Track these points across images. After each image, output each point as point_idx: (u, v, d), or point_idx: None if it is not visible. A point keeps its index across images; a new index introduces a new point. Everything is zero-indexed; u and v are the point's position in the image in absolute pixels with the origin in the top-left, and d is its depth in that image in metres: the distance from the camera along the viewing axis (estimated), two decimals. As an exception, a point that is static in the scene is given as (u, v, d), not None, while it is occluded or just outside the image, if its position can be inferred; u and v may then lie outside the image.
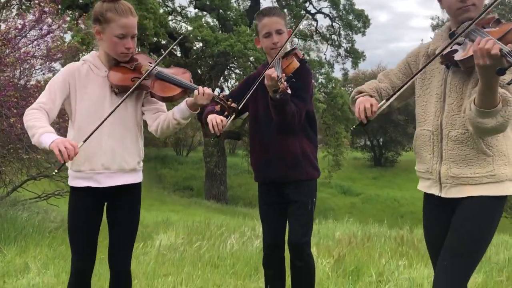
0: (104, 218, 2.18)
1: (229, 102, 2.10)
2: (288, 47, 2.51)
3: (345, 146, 21.24)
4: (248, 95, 2.28)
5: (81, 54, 7.02)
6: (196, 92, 2.04)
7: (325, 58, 20.99)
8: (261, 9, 2.56)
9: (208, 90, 2.04)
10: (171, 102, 2.18)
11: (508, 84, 1.51)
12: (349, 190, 23.05)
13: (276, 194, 2.48)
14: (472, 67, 1.64)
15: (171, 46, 3.28)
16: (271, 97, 2.26)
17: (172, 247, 4.59)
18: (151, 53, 18.09)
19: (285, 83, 2.12)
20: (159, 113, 2.15)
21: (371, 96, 1.99)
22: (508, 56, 1.45)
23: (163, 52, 18.68)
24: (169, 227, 6.14)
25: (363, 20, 20.07)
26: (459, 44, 1.73)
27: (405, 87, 1.88)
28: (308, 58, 19.79)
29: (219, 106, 2.12)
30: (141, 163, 2.18)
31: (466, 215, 1.79)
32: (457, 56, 1.67)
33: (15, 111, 5.02)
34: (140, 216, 2.21)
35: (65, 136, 2.02)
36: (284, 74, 2.21)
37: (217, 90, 16.19)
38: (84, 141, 1.92)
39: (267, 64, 2.51)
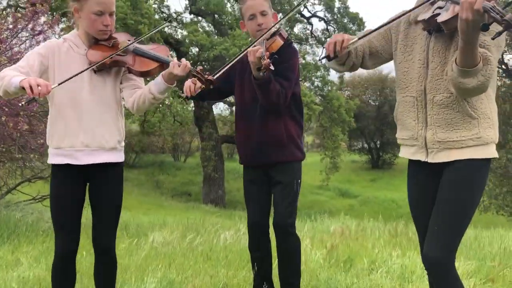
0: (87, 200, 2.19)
1: (206, 75, 2.11)
2: (273, 30, 2.51)
3: (342, 149, 21.26)
4: (225, 68, 2.24)
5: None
6: (171, 63, 2.05)
7: (321, 62, 21.01)
8: None
9: (184, 61, 2.05)
10: (149, 76, 2.19)
11: (493, 38, 1.53)
12: (347, 193, 23.02)
13: (261, 175, 2.48)
14: (455, 28, 1.65)
15: (154, 30, 3.28)
16: (254, 76, 2.27)
17: (165, 242, 4.58)
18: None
19: (268, 60, 2.13)
20: (136, 89, 2.16)
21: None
22: (491, 11, 1.47)
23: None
24: (164, 226, 6.13)
25: (358, 23, 20.15)
26: (440, 8, 1.75)
27: (373, 33, 1.88)
28: (304, 61, 19.87)
29: (196, 78, 2.12)
30: (122, 143, 2.19)
31: (453, 178, 1.81)
32: (441, 18, 1.69)
33: (6, 109, 5.01)
34: (122, 197, 2.21)
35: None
36: (267, 52, 2.22)
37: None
38: (59, 84, 1.92)
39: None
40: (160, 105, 17.62)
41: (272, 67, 2.14)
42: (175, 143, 25.76)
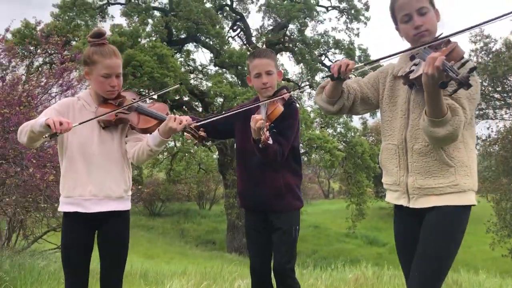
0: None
1: (199, 132, 2.27)
2: (276, 87, 2.67)
3: (368, 195, 20.97)
4: (212, 119, 2.45)
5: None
6: (168, 117, 2.22)
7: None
8: (252, 51, 2.77)
9: (179, 117, 2.22)
10: (149, 133, 2.36)
11: (450, 94, 1.68)
12: (375, 240, 22.45)
13: (261, 220, 2.58)
14: None
15: (160, 92, 3.51)
16: (254, 139, 2.41)
17: (181, 290, 4.62)
18: (174, 110, 18.76)
19: (267, 133, 2.25)
20: (138, 142, 2.33)
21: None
22: (449, 70, 1.60)
23: (184, 108, 19.34)
24: (184, 274, 6.16)
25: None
26: (416, 65, 1.88)
27: (378, 62, 2.00)
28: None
29: (189, 134, 2.28)
30: (129, 192, 2.34)
31: (431, 225, 1.89)
32: (413, 75, 1.83)
33: (34, 161, 5.31)
34: (128, 243, 2.33)
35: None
36: (267, 124, 2.33)
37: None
38: (80, 123, 2.13)
39: (258, 99, 2.69)
40: (186, 154, 18.03)
41: (270, 141, 2.26)
42: (200, 191, 25.97)
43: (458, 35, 1.86)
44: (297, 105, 2.80)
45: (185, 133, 2.30)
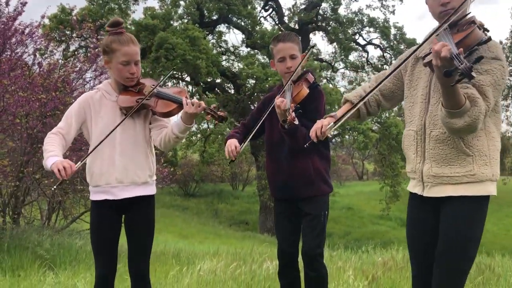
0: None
1: (219, 112, 2.29)
2: (300, 71, 2.66)
3: (403, 176, 20.65)
4: (258, 126, 2.50)
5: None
6: (184, 103, 2.24)
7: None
8: (276, 35, 2.75)
9: (196, 101, 2.24)
10: (171, 116, 2.39)
11: (453, 85, 1.59)
12: (409, 223, 22.15)
13: (290, 207, 2.60)
14: None
15: (165, 78, 3.60)
16: (281, 124, 2.42)
17: (211, 270, 4.73)
18: (207, 92, 18.89)
19: (293, 113, 2.25)
20: (163, 129, 2.37)
21: (353, 104, 2.09)
22: (455, 59, 1.52)
23: (217, 90, 19.45)
24: (216, 255, 6.30)
25: (415, 48, 19.82)
26: None
27: (368, 96, 2.00)
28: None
29: (209, 116, 2.31)
30: (154, 177, 2.40)
31: (448, 219, 1.83)
32: (427, 58, 1.73)
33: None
34: (154, 227, 2.40)
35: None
36: (292, 104, 2.33)
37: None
38: (81, 162, 2.22)
39: (282, 85, 2.68)
40: (218, 136, 18.19)
41: (296, 122, 2.26)
42: (233, 172, 26.22)
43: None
44: (322, 87, 2.78)
45: (205, 114, 2.34)
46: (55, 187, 2.25)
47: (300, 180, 2.53)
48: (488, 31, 1.72)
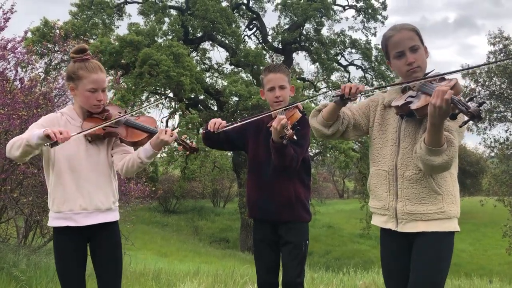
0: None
1: (189, 142, 2.32)
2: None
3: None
4: (234, 125, 2.54)
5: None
6: (159, 130, 2.26)
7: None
8: (267, 65, 2.83)
9: (170, 131, 2.26)
10: (139, 146, 2.40)
11: (460, 126, 1.77)
12: (389, 242, 22.29)
13: (270, 232, 2.60)
14: (425, 114, 1.86)
15: (143, 107, 3.65)
16: (274, 140, 2.44)
17: (192, 294, 4.67)
18: (189, 108, 18.87)
19: (291, 130, 2.30)
20: (125, 154, 2.37)
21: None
22: (458, 104, 1.70)
23: (200, 107, 19.44)
24: (196, 276, 6.22)
25: (396, 70, 20.22)
26: (412, 97, 1.97)
27: (387, 87, 2.17)
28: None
29: (181, 146, 2.33)
30: (117, 203, 2.40)
31: (420, 252, 1.97)
32: (413, 106, 1.91)
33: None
34: (121, 252, 2.38)
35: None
36: (289, 122, 2.40)
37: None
38: (77, 133, 2.17)
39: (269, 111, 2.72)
40: (201, 152, 18.14)
41: (295, 137, 2.31)
42: (215, 189, 26.09)
43: (451, 74, 1.97)
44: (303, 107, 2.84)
45: (177, 145, 2.36)
46: (46, 145, 2.09)
47: (280, 202, 2.56)
48: None
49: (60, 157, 2.27)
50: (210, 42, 20.19)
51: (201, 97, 19.00)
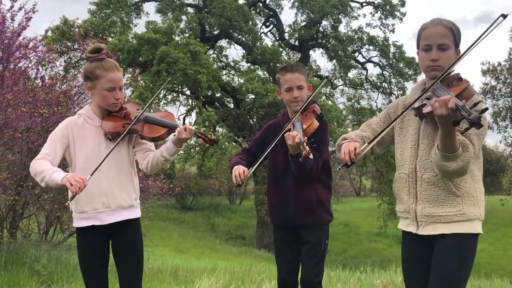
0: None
1: (209, 135, 2.32)
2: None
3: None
4: (263, 156, 2.50)
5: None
6: (178, 128, 2.27)
7: (376, 106, 20.91)
8: (283, 65, 2.79)
9: (189, 127, 2.27)
10: (159, 141, 2.42)
11: (462, 133, 1.78)
12: (407, 241, 22.06)
13: (290, 234, 2.61)
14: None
15: (154, 96, 3.69)
16: (292, 155, 2.42)
17: (209, 290, 4.70)
18: (206, 106, 18.95)
19: (307, 147, 2.24)
20: (148, 152, 2.39)
21: (355, 141, 2.15)
22: (462, 110, 1.69)
23: (216, 104, 19.51)
24: (213, 273, 6.26)
25: (414, 67, 19.99)
26: (428, 99, 1.95)
27: (383, 133, 2.09)
28: (358, 106, 19.86)
29: (201, 139, 2.34)
30: (138, 200, 2.41)
31: (440, 255, 1.95)
32: (425, 109, 1.90)
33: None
34: (142, 248, 2.41)
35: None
36: (305, 138, 2.33)
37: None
38: (91, 175, 2.17)
39: (286, 113, 2.70)
40: (217, 150, 18.21)
41: (311, 156, 2.25)
42: (231, 186, 26.15)
43: (458, 61, 1.98)
44: (321, 105, 2.81)
45: (196, 138, 2.37)
46: (69, 202, 2.20)
47: (302, 209, 2.55)
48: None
49: (80, 159, 2.30)
50: (227, 39, 20.22)
51: (218, 94, 19.06)
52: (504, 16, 1.82)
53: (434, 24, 2.04)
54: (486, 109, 1.70)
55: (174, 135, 2.35)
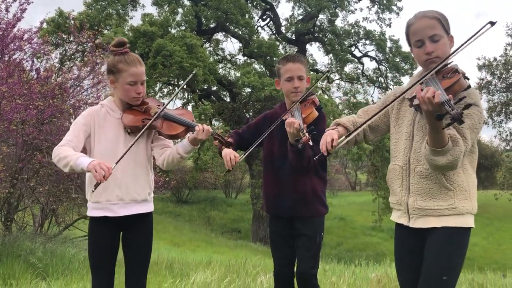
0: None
1: (226, 138, 2.32)
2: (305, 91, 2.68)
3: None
4: (259, 140, 2.50)
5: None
6: (196, 128, 2.28)
7: (372, 100, 20.93)
8: (284, 55, 2.78)
9: (206, 127, 2.28)
10: (177, 139, 2.42)
11: (443, 128, 1.74)
12: (401, 235, 22.18)
13: (285, 227, 2.61)
14: None
15: (181, 86, 3.67)
16: (291, 143, 2.42)
17: (205, 283, 4.72)
18: (202, 99, 18.92)
19: (307, 134, 2.23)
20: (165, 149, 2.40)
21: (346, 128, 2.17)
22: (446, 104, 1.66)
23: (213, 98, 19.47)
24: (209, 265, 6.28)
25: (410, 62, 20.00)
26: (421, 90, 1.91)
27: (363, 126, 2.08)
28: (355, 100, 19.88)
29: (217, 141, 2.34)
30: (152, 194, 2.42)
31: (431, 248, 1.94)
32: (415, 101, 1.88)
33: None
34: (152, 243, 2.42)
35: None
36: (305, 125, 2.33)
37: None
38: (116, 163, 2.17)
39: (284, 105, 2.71)
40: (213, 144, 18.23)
41: (311, 143, 2.24)
42: (227, 180, 26.16)
43: (452, 56, 1.92)
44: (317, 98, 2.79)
45: (213, 139, 2.40)
46: (93, 190, 2.18)
47: (298, 199, 2.55)
48: (468, 79, 1.88)
49: (99, 148, 2.32)
50: (223, 33, 20.15)
51: (214, 88, 19.00)
52: (492, 24, 1.80)
53: (419, 18, 2.02)
54: (470, 105, 1.68)
55: (192, 133, 2.36)
